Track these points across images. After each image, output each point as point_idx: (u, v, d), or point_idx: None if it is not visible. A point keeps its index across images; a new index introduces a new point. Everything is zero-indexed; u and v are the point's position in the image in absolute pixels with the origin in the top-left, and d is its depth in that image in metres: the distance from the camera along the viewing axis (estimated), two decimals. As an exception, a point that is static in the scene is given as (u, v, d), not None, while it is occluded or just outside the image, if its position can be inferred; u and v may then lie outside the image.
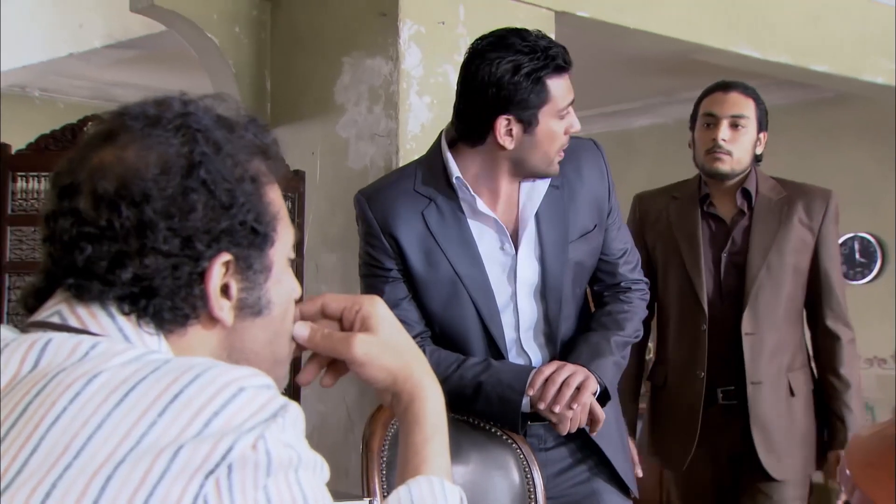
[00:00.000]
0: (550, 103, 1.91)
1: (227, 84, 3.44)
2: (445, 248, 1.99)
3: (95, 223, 0.91)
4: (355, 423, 3.11)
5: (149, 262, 0.91)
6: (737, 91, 2.78)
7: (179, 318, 0.93)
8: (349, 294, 1.10)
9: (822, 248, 2.77)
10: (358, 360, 1.05)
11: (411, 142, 3.05)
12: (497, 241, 2.03)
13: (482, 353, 2.04)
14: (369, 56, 3.13)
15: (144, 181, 0.91)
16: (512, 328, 2.05)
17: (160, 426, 0.81)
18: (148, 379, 0.84)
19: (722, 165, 2.74)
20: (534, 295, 2.06)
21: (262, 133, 1.00)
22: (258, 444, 0.82)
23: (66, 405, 0.83)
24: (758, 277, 2.71)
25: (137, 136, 0.93)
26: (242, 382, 0.85)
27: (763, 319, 2.72)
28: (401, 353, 1.06)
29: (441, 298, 2.02)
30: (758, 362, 2.71)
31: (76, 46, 4.33)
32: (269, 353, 1.00)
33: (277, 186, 1.00)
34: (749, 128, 2.75)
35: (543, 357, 2.08)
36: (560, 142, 1.97)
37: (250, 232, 0.95)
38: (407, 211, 1.99)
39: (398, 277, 2.02)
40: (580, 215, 2.07)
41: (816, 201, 2.79)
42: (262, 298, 0.98)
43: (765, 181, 2.81)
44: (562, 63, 1.91)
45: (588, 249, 2.10)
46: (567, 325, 2.10)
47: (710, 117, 2.76)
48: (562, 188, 2.05)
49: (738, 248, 2.75)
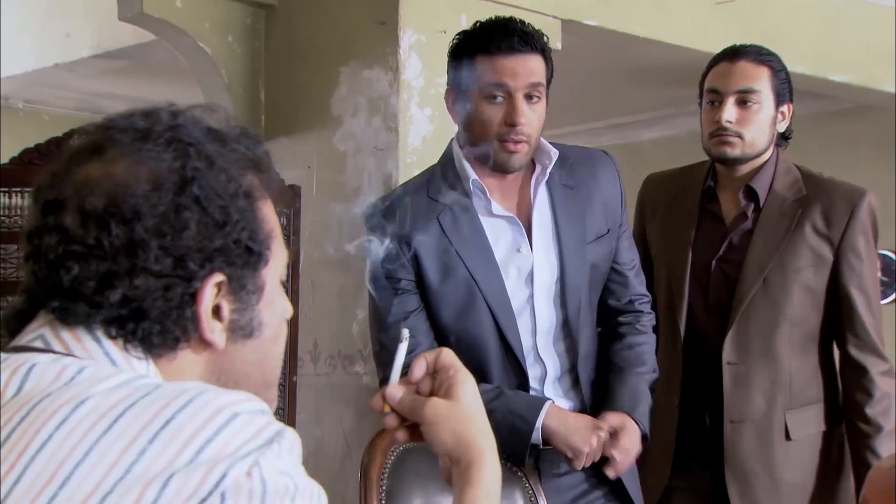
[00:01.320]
0: (474, 78, 2.02)
1: (220, 95, 3.45)
2: (462, 252, 2.03)
3: (83, 241, 0.90)
4: (353, 448, 3.10)
5: (139, 282, 0.90)
6: (747, 59, 2.37)
7: (169, 342, 0.93)
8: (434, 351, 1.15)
9: (842, 263, 2.36)
10: (428, 420, 1.09)
11: (412, 155, 3.06)
12: (513, 243, 2.07)
13: (498, 362, 2.06)
14: (368, 66, 3.14)
15: (135, 198, 0.90)
16: (529, 333, 2.07)
17: (150, 454, 0.81)
18: (137, 405, 0.84)
19: (730, 150, 2.36)
20: (552, 299, 2.08)
21: (254, 145, 1.00)
22: (253, 471, 0.82)
23: (51, 432, 0.83)
24: (750, 295, 2.34)
25: (127, 150, 0.93)
26: (236, 407, 0.85)
27: (753, 347, 2.35)
28: (468, 422, 1.09)
29: (456, 305, 2.05)
30: (741, 397, 2.35)
31: (63, 56, 4.35)
32: (259, 375, 1.00)
33: (271, 202, 1.00)
34: (764, 103, 2.36)
35: (562, 367, 2.09)
36: (493, 129, 2.00)
37: (244, 251, 0.95)
38: (422, 218, 2.03)
39: (409, 290, 2.05)
40: (596, 217, 2.11)
41: (838, 205, 2.37)
42: (254, 320, 0.98)
43: (786, 174, 2.42)
44: (488, 44, 2.02)
45: (603, 254, 2.13)
46: (586, 335, 2.11)
47: (714, 94, 2.39)
48: (577, 189, 2.10)
49: (733, 255, 2.39)
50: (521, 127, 2.00)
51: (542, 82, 2.04)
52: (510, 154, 2.02)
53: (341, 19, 3.25)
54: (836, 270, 2.37)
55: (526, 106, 2.00)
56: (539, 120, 2.04)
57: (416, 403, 1.10)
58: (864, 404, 2.36)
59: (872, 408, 2.35)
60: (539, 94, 2.03)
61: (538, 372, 2.08)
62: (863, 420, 2.36)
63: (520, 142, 2.01)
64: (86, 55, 4.26)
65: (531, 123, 2.01)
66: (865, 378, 2.37)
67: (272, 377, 1.03)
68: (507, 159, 2.03)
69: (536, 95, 2.02)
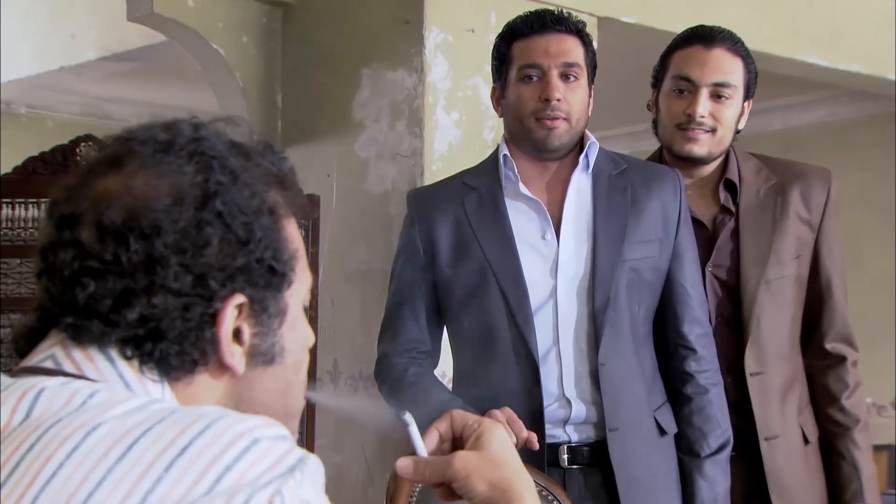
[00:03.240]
0: (511, 65, 2.11)
1: (234, 99, 3.47)
2: (478, 231, 2.10)
3: (100, 257, 0.91)
4: (375, 476, 3.11)
5: (157, 301, 0.91)
6: (723, 47, 2.31)
7: (187, 365, 0.93)
8: (468, 413, 1.16)
9: (823, 247, 2.37)
10: (459, 475, 1.08)
11: (437, 162, 3.07)
12: (539, 229, 2.10)
13: (508, 352, 2.06)
14: (391, 68, 3.15)
15: (155, 212, 0.91)
16: (550, 328, 2.07)
17: (167, 483, 0.81)
18: (153, 430, 0.85)
19: (698, 148, 2.29)
20: (577, 292, 2.08)
21: (279, 161, 1.01)
22: (275, 500, 0.82)
23: (62, 460, 0.83)
24: (757, 298, 2.31)
25: (147, 162, 0.94)
26: (256, 433, 0.85)
27: (769, 353, 2.33)
28: (501, 468, 1.09)
29: (468, 288, 2.09)
30: (769, 410, 2.33)
31: (68, 59, 4.40)
32: (280, 405, 1.01)
33: (294, 221, 1.01)
34: (735, 98, 2.30)
35: (581, 371, 2.07)
36: (529, 107, 2.07)
37: (267, 271, 0.96)
38: (447, 202, 2.14)
39: (415, 269, 2.15)
40: (644, 221, 2.12)
41: (815, 187, 2.37)
42: (275, 345, 0.98)
43: (747, 163, 2.39)
44: (522, 27, 2.11)
45: (646, 260, 2.12)
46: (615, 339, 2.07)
47: (686, 82, 2.30)
48: (627, 190, 2.13)
49: (723, 259, 2.34)
50: (557, 103, 2.05)
51: (579, 63, 2.08)
52: (548, 131, 2.06)
53: (363, 18, 3.27)
54: (817, 256, 2.38)
55: (561, 83, 2.06)
56: (579, 101, 2.08)
57: (440, 464, 1.10)
58: (840, 395, 2.38)
59: (849, 398, 2.38)
60: (576, 75, 2.07)
61: (555, 370, 2.06)
62: (840, 411, 2.38)
63: (557, 118, 2.05)
64: (92, 57, 4.31)
65: (568, 100, 2.06)
66: (842, 368, 2.38)
67: (294, 408, 1.04)
68: (544, 136, 2.06)
69: (573, 75, 2.07)
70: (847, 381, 2.39)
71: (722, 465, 2.16)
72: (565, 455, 2.06)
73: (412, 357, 2.15)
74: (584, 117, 2.11)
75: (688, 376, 2.16)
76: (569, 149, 2.11)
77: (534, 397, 2.04)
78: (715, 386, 2.17)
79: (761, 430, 2.32)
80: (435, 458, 1.11)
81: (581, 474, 2.08)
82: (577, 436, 2.07)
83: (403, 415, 1.12)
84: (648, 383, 2.13)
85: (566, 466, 2.06)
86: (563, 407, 2.06)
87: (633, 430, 2.08)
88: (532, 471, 1.92)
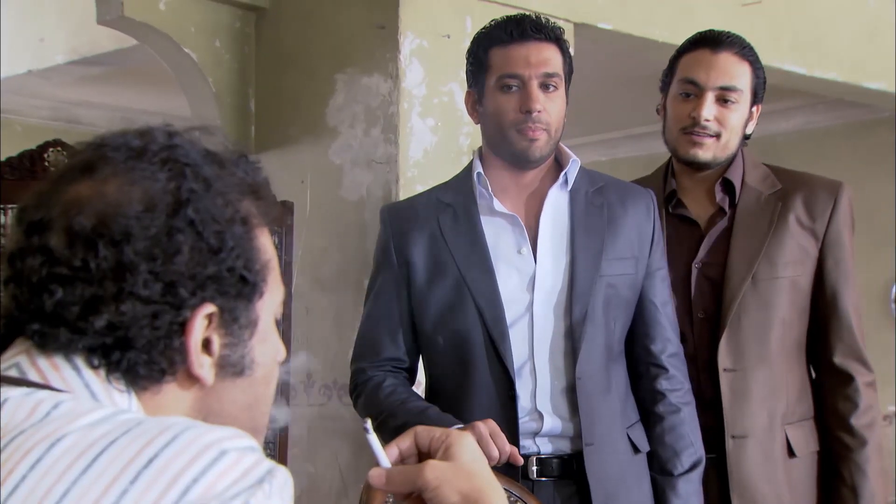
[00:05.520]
0: (489, 72, 2.10)
1: (207, 104, 3.46)
2: (454, 249, 2.10)
3: (69, 263, 0.91)
4: (349, 486, 3.10)
5: (126, 308, 0.91)
6: (730, 51, 2.33)
7: (155, 374, 0.93)
8: (437, 427, 1.16)
9: (828, 258, 2.34)
10: (430, 484, 1.08)
11: (413, 168, 3.07)
12: (514, 244, 2.10)
13: (484, 367, 2.07)
14: (366, 73, 3.15)
15: (126, 218, 0.91)
16: (525, 343, 2.08)
17: (133, 495, 0.81)
18: (118, 442, 0.84)
19: (703, 153, 2.32)
20: (555, 307, 2.09)
21: (254, 170, 1.01)
22: (242, 513, 0.82)
23: (25, 473, 0.83)
24: (739, 294, 2.31)
25: (120, 169, 0.94)
26: (224, 444, 0.85)
27: (748, 351, 2.31)
28: (473, 478, 1.09)
29: (444, 304, 2.10)
30: (741, 408, 2.31)
31: (36, 62, 4.38)
32: (247, 418, 1.01)
33: (268, 231, 1.01)
34: (741, 102, 2.33)
35: (557, 386, 2.09)
36: (509, 117, 2.07)
37: (238, 280, 0.96)
38: (423, 219, 2.14)
39: (388, 287, 2.15)
40: (619, 239, 2.14)
41: (821, 195, 2.35)
42: (245, 357, 0.98)
43: (754, 169, 2.41)
44: (501, 34, 2.10)
45: (623, 276, 2.14)
46: (591, 354, 2.09)
47: (692, 86, 2.32)
48: (603, 208, 2.15)
49: (713, 256, 2.36)
50: (538, 115, 2.05)
51: (559, 73, 2.09)
52: (529, 142, 2.06)
53: (337, 23, 3.27)
54: (822, 266, 2.35)
55: (542, 94, 2.06)
56: (558, 112, 2.09)
57: (411, 472, 1.10)
58: (848, 415, 2.33)
59: (858, 419, 2.33)
60: (555, 85, 2.08)
61: (530, 384, 2.07)
62: (847, 431, 2.33)
63: (538, 129, 2.06)
64: (61, 61, 4.28)
65: (548, 112, 2.06)
66: (851, 387, 2.34)
67: (261, 423, 1.04)
68: (526, 148, 2.07)
69: (553, 85, 2.07)
70: (856, 401, 2.34)
71: (695, 483, 2.18)
72: (535, 467, 2.08)
73: (388, 371, 2.16)
74: (562, 126, 2.12)
75: (659, 395, 2.18)
76: (546, 159, 2.13)
77: (509, 411, 2.05)
78: (687, 405, 2.20)
79: (728, 426, 2.30)
80: (406, 467, 1.12)
81: (551, 486, 2.09)
82: (547, 448, 2.09)
83: (364, 422, 1.13)
84: (622, 400, 2.15)
85: (534, 479, 2.07)
86: (535, 420, 2.08)
87: (609, 446, 2.10)
88: (504, 480, 1.93)
